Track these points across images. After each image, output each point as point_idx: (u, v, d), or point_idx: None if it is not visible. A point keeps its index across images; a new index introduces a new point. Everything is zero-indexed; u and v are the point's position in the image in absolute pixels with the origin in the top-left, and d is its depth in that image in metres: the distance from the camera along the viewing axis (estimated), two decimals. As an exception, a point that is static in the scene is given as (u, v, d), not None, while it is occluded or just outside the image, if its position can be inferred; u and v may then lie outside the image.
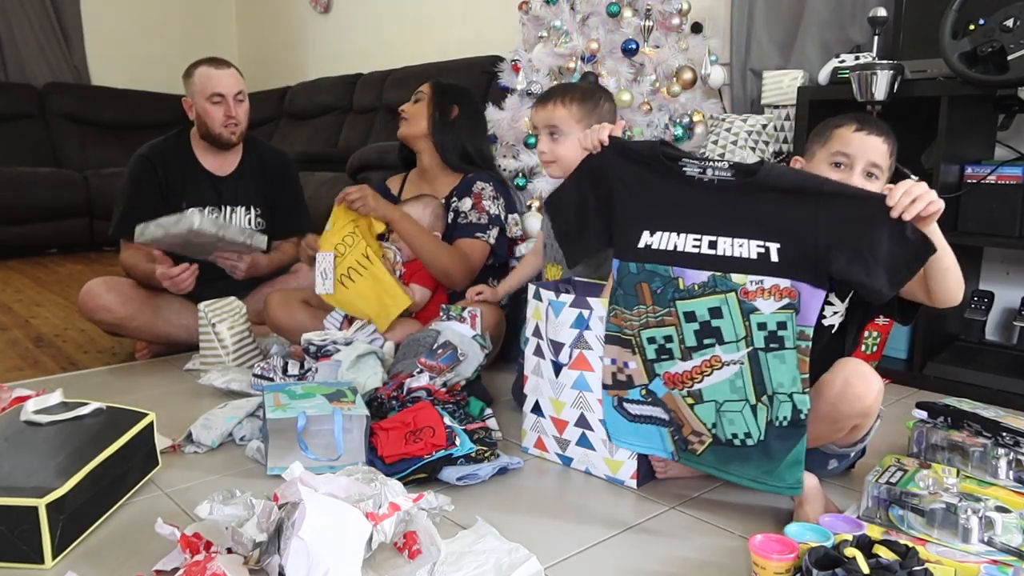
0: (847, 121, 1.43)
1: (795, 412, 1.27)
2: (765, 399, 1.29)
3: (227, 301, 2.24)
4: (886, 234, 1.19)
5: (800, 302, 1.25)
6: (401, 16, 4.57)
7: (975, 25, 1.90)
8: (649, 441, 1.42)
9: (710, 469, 1.37)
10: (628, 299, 1.39)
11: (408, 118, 2.35)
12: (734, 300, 1.29)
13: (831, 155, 1.42)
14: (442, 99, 2.33)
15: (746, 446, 1.31)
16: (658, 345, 1.36)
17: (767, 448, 1.30)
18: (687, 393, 1.35)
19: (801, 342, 1.25)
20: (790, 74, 2.58)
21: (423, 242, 2.14)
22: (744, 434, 1.31)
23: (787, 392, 1.27)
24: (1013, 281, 2.35)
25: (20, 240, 4.53)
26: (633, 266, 1.38)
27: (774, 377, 1.27)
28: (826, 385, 1.32)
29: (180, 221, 2.10)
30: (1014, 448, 1.41)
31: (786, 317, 1.26)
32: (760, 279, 1.27)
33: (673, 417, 1.38)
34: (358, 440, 1.52)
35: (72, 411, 1.46)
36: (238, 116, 2.39)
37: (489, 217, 2.25)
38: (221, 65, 2.39)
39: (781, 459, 1.28)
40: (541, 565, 1.18)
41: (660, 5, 2.54)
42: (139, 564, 1.20)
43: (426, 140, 2.33)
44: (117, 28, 5.69)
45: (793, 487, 1.29)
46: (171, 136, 2.47)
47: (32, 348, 2.60)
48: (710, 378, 1.33)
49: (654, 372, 1.38)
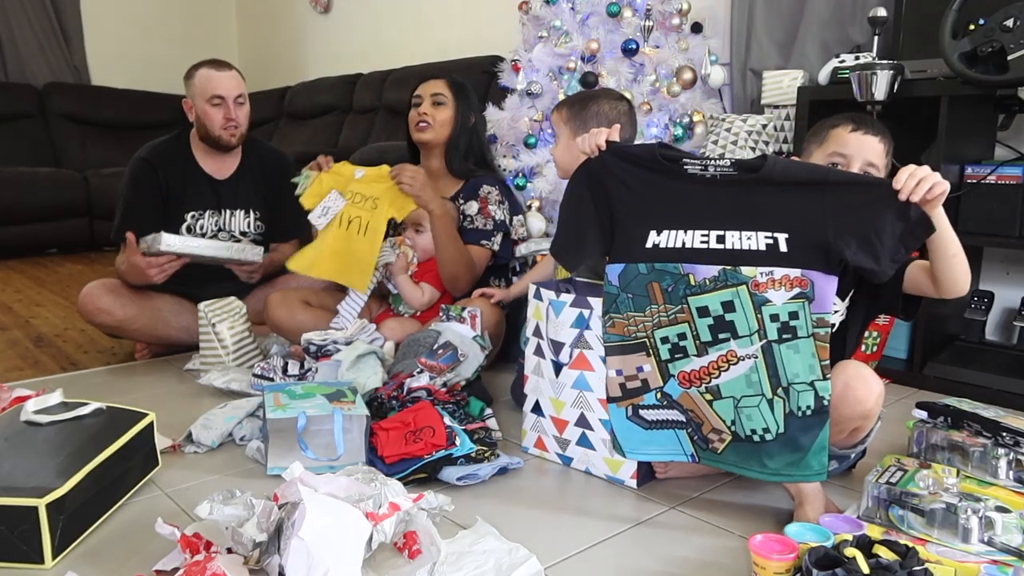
0: (843, 121, 1.43)
1: (818, 400, 1.25)
2: (781, 392, 1.27)
3: (227, 301, 2.24)
4: (891, 217, 1.21)
5: (813, 290, 1.24)
6: (401, 16, 4.57)
7: (975, 25, 1.90)
8: (666, 447, 1.39)
9: (732, 467, 1.35)
10: (639, 301, 1.37)
11: (433, 124, 2.27)
12: (745, 293, 1.28)
13: (828, 155, 1.42)
14: (465, 105, 2.30)
15: (765, 441, 1.30)
16: (672, 344, 1.35)
17: (791, 440, 1.28)
18: (705, 390, 1.33)
19: (819, 329, 1.24)
20: (790, 74, 2.58)
21: (450, 244, 2.14)
22: (763, 430, 1.30)
23: (805, 381, 1.25)
24: (1013, 281, 2.35)
25: (20, 240, 4.53)
26: (643, 267, 1.36)
27: (789, 368, 1.26)
28: None
29: (155, 241, 2.14)
30: (1014, 448, 1.41)
31: (798, 307, 1.25)
32: (770, 270, 1.26)
33: (691, 417, 1.36)
34: (358, 440, 1.52)
35: (72, 411, 1.46)
36: (238, 119, 2.38)
37: (494, 223, 2.26)
38: (222, 67, 2.38)
39: (808, 448, 1.27)
40: (541, 565, 1.18)
41: (660, 5, 2.54)
42: (139, 564, 1.20)
43: (441, 145, 2.31)
44: (117, 28, 5.69)
45: (820, 473, 1.27)
46: (171, 138, 2.46)
47: (32, 348, 2.60)
48: (727, 373, 1.31)
49: (669, 373, 1.36)
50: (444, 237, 2.12)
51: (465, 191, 2.29)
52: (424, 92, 2.30)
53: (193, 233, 2.40)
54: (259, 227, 2.50)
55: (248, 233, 2.48)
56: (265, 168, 2.51)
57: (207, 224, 2.43)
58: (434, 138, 2.28)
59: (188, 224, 2.40)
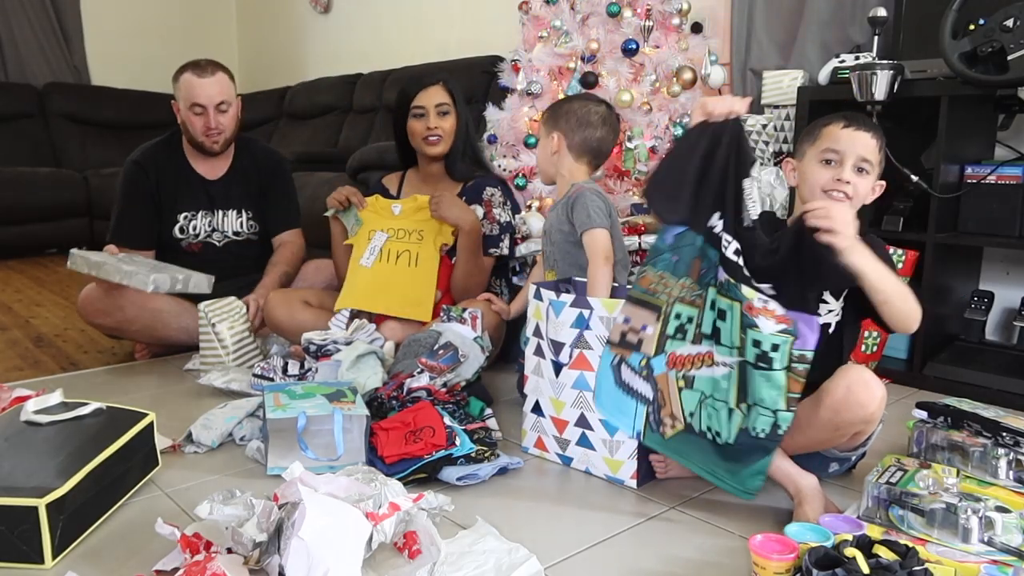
0: (835, 119, 1.44)
1: (774, 428, 1.28)
2: (744, 407, 1.30)
3: (227, 301, 2.24)
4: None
5: (796, 329, 1.27)
6: (401, 16, 4.56)
7: (975, 25, 1.90)
8: (622, 413, 1.42)
9: (670, 453, 1.41)
10: (679, 267, 1.37)
11: (444, 136, 2.24)
12: (738, 311, 1.31)
13: (821, 152, 1.42)
14: (463, 108, 2.28)
15: (715, 443, 1.34)
16: (680, 323, 1.37)
17: (735, 453, 1.31)
18: (682, 376, 1.37)
19: (798, 364, 1.27)
20: (790, 74, 2.58)
21: (472, 260, 2.16)
22: (715, 432, 1.33)
23: (769, 408, 1.28)
24: (1013, 281, 2.35)
25: (20, 240, 4.53)
26: (700, 239, 1.36)
27: (757, 391, 1.29)
28: (828, 392, 1.33)
29: None
30: (1014, 448, 1.41)
31: (782, 340, 1.27)
32: (766, 300, 1.29)
33: (656, 397, 1.39)
34: (358, 440, 1.52)
35: (72, 411, 1.46)
36: (220, 125, 2.34)
37: (501, 227, 2.26)
38: (205, 72, 2.31)
39: (749, 465, 1.31)
40: (541, 565, 1.18)
41: (660, 5, 2.54)
42: (139, 564, 1.20)
43: None
44: (117, 28, 5.69)
45: (748, 492, 1.32)
46: (163, 140, 2.46)
47: (32, 348, 2.60)
48: (704, 371, 1.35)
49: (663, 348, 1.38)
50: (468, 252, 2.14)
51: (467, 195, 2.28)
52: (427, 103, 2.23)
53: (186, 234, 2.41)
54: (252, 226, 2.49)
55: (241, 233, 2.48)
56: (258, 168, 2.50)
57: (200, 225, 2.42)
58: (444, 149, 2.27)
59: (181, 225, 2.41)
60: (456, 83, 2.32)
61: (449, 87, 2.28)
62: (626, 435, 1.47)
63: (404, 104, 2.27)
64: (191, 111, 2.32)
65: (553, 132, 1.88)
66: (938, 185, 2.07)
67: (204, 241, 2.45)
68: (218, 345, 2.16)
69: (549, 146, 1.89)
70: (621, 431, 1.48)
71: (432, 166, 2.33)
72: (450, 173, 2.31)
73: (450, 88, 2.28)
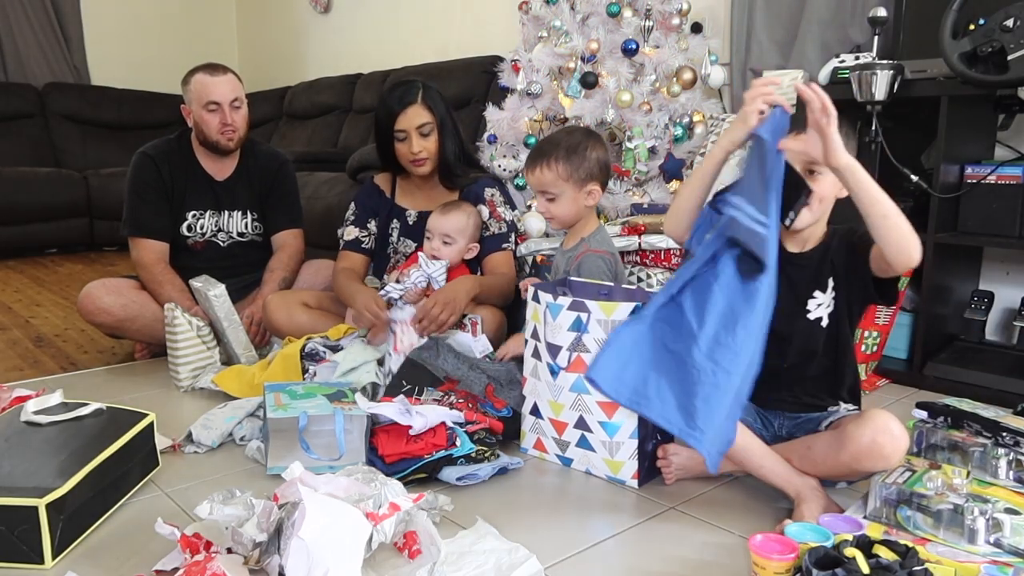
0: None
1: None
2: None
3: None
4: None
5: None
6: (401, 16, 4.56)
7: (975, 25, 1.90)
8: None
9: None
10: None
11: (429, 157, 2.17)
12: None
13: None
14: (444, 116, 2.18)
15: None
16: None
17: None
18: None
19: None
20: (790, 74, 2.57)
21: (493, 295, 2.13)
22: None
23: None
24: (1013, 281, 2.35)
25: (20, 240, 4.53)
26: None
27: None
28: (851, 439, 1.30)
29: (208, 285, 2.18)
30: (1014, 448, 1.41)
31: None
32: None
33: None
34: (358, 440, 1.52)
35: (72, 411, 1.46)
36: (235, 123, 2.36)
37: (507, 224, 2.24)
38: (217, 72, 2.35)
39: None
40: (541, 565, 1.18)
41: (660, 5, 2.54)
42: (139, 564, 1.20)
43: None
44: (117, 28, 5.69)
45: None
46: (172, 138, 2.46)
47: (32, 348, 2.60)
48: None
49: None
50: (485, 294, 2.09)
51: (469, 196, 2.24)
52: (408, 126, 2.13)
53: (192, 232, 2.41)
54: (256, 227, 2.50)
55: (246, 234, 2.48)
56: (262, 169, 2.51)
57: (207, 224, 2.43)
58: (431, 168, 2.20)
59: (189, 223, 2.40)
60: (435, 93, 2.19)
61: (428, 102, 2.14)
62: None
63: (386, 124, 2.17)
64: (205, 109, 2.33)
65: (587, 185, 1.80)
66: (938, 185, 2.07)
67: (208, 240, 2.45)
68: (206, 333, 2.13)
69: (582, 199, 1.82)
70: (621, 430, 1.48)
71: (426, 176, 2.26)
72: (445, 185, 2.27)
73: (429, 104, 2.14)
